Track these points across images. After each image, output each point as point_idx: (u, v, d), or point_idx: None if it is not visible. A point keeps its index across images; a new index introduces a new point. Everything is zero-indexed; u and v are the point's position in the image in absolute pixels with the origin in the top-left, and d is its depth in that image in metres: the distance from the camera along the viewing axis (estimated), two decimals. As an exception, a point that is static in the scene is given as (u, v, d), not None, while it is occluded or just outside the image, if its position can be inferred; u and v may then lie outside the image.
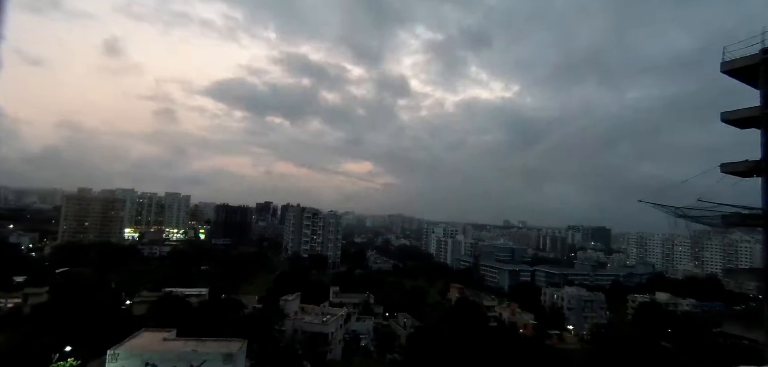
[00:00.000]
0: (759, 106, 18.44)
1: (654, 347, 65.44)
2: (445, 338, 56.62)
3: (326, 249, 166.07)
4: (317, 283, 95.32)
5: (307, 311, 66.13)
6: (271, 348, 46.95)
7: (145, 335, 30.88)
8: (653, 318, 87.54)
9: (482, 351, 52.30)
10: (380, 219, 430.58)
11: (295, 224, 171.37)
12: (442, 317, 74.71)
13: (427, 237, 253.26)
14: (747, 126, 19.30)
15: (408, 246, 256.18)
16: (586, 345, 78.30)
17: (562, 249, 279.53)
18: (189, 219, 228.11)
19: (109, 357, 26.58)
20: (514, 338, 67.70)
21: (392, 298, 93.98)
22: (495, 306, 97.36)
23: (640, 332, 76.81)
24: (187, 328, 37.52)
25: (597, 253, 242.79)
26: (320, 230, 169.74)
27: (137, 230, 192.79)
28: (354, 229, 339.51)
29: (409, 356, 57.39)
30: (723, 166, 18.98)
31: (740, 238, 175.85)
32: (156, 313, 52.91)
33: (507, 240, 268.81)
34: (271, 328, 54.31)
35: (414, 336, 63.41)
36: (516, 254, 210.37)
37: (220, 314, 53.92)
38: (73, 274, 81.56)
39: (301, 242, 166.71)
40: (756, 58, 17.79)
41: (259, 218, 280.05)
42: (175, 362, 26.75)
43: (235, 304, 63.72)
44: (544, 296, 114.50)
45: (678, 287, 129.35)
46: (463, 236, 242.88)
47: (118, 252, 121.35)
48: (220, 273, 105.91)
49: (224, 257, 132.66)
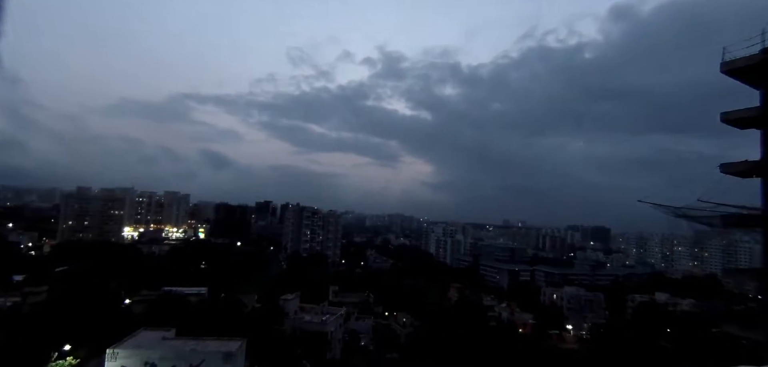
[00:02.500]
0: (759, 106, 18.45)
1: (653, 347, 65.46)
2: (445, 338, 56.61)
3: (326, 248, 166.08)
4: (317, 282, 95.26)
5: (306, 311, 66.18)
6: (270, 347, 46.90)
7: (144, 334, 30.87)
8: (653, 318, 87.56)
9: (482, 351, 52.30)
10: (380, 218, 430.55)
11: (295, 223, 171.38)
12: (442, 317, 74.68)
13: (426, 237, 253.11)
14: (747, 126, 19.29)
15: (408, 246, 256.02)
16: (586, 345, 78.36)
17: (561, 249, 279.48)
18: (188, 218, 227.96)
19: (108, 356, 26.56)
20: (513, 337, 67.73)
21: (392, 297, 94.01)
22: (495, 306, 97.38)
23: (639, 332, 76.80)
24: (186, 327, 37.51)
25: (596, 253, 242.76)
26: (320, 229, 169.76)
27: (136, 228, 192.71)
28: (354, 228, 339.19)
29: (408, 356, 57.42)
30: (723, 166, 18.97)
31: (740, 238, 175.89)
32: (155, 312, 52.83)
33: (506, 240, 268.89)
34: (270, 327, 54.28)
35: (413, 336, 63.47)
36: (515, 253, 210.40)
37: (219, 314, 53.89)
38: (72, 273, 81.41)
39: (300, 241, 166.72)
40: (756, 58, 17.77)
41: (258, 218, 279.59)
42: (175, 361, 26.75)
43: (234, 303, 63.67)
44: (544, 295, 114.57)
45: (677, 286, 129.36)
46: (463, 236, 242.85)
47: (118, 251, 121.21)
48: (219, 272, 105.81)
49: (224, 257, 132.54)
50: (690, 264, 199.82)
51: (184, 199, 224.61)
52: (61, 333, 43.07)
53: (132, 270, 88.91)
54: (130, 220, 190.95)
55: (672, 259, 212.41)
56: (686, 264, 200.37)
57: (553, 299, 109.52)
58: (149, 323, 38.18)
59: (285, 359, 46.63)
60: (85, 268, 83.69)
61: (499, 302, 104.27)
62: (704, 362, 60.54)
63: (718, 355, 60.61)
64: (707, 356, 62.72)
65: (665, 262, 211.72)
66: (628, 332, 74.85)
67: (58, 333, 42.91)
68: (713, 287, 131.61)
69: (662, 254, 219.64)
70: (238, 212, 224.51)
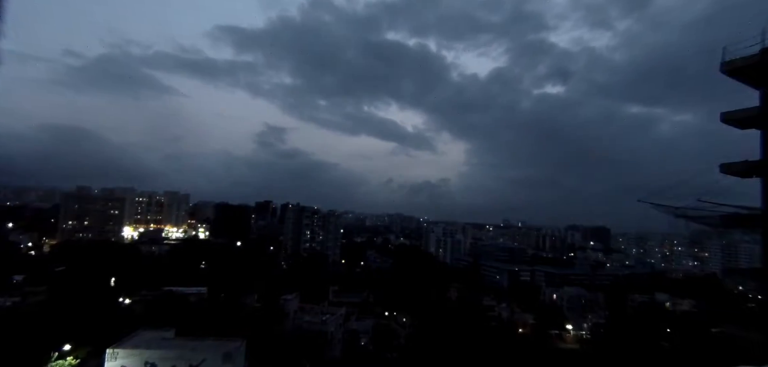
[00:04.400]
0: (759, 106, 18.45)
1: (653, 347, 65.50)
2: (445, 338, 56.63)
3: (326, 248, 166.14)
4: (317, 282, 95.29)
5: (306, 311, 66.19)
6: (270, 347, 46.91)
7: (144, 334, 30.90)
8: (653, 318, 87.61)
9: (482, 351, 52.32)
10: (380, 218, 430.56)
11: (295, 223, 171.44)
12: (442, 317, 74.72)
13: (426, 237, 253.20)
14: (747, 126, 19.29)
15: (407, 245, 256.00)
16: (586, 345, 78.44)
17: (561, 249, 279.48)
18: (188, 218, 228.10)
19: (108, 356, 26.60)
20: (513, 337, 67.78)
21: (392, 297, 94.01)
22: (495, 306, 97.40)
23: (639, 332, 76.88)
24: (186, 327, 37.60)
25: (596, 253, 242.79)
26: (320, 229, 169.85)
27: (136, 228, 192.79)
28: (353, 228, 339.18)
29: (408, 356, 57.42)
30: (723, 166, 18.97)
31: (740, 238, 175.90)
32: (155, 312, 52.85)
33: (506, 240, 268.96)
34: (270, 327, 54.29)
35: (413, 336, 63.48)
36: (515, 253, 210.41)
37: (219, 314, 53.95)
38: (72, 273, 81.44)
39: (300, 241, 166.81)
40: (756, 58, 17.76)
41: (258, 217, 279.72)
42: (174, 361, 26.79)
43: (234, 303, 63.70)
44: (544, 295, 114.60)
45: (677, 287, 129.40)
46: (463, 236, 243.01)
47: (118, 251, 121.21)
48: (219, 272, 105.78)
49: (224, 256, 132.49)
50: (690, 264, 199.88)
51: (184, 199, 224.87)
52: (61, 333, 43.05)
53: (132, 270, 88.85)
54: (130, 220, 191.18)
55: (672, 259, 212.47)
56: (686, 264, 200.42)
57: (553, 299, 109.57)
58: (149, 323, 38.23)
59: (285, 359, 46.63)
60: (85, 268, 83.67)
61: (499, 302, 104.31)
62: (704, 362, 60.62)
63: (718, 355, 60.67)
64: (707, 356, 62.80)
65: (665, 262, 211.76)
66: (628, 332, 74.93)
67: (58, 333, 42.90)
68: (713, 287, 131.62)
69: (662, 254, 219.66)
70: (238, 212, 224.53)
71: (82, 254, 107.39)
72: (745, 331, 70.83)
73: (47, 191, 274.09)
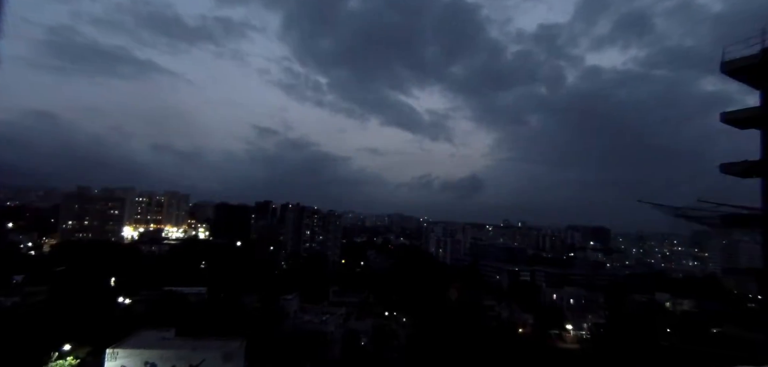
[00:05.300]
0: (759, 106, 18.44)
1: (653, 347, 65.51)
2: (445, 338, 56.65)
3: (326, 248, 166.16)
4: (317, 282, 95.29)
5: (306, 311, 66.19)
6: (270, 348, 46.91)
7: (144, 334, 30.91)
8: (653, 318, 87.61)
9: (482, 351, 52.33)
10: (380, 219, 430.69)
11: (295, 224, 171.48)
12: (442, 317, 74.74)
13: (426, 237, 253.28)
14: (747, 126, 19.28)
15: (407, 246, 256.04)
16: (586, 345, 78.44)
17: (561, 249, 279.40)
18: (188, 218, 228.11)
19: (108, 356, 26.60)
20: (513, 337, 67.80)
21: (392, 297, 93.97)
22: (494, 306, 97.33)
23: (639, 332, 76.91)
24: (186, 327, 37.60)
25: (596, 253, 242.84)
26: (319, 229, 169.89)
27: (136, 228, 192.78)
28: (353, 228, 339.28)
29: (408, 356, 57.44)
30: (723, 166, 18.97)
31: (740, 238, 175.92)
32: (155, 312, 52.82)
33: (506, 240, 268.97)
34: (270, 327, 54.30)
35: (413, 336, 63.49)
36: (515, 253, 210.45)
37: (219, 314, 53.95)
38: (72, 273, 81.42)
39: (300, 241, 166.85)
40: (756, 58, 17.76)
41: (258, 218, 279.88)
42: (174, 361, 26.79)
43: (234, 303, 63.69)
44: (544, 295, 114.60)
45: (677, 287, 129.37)
46: (463, 236, 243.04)
47: (118, 251, 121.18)
48: (219, 272, 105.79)
49: (224, 257, 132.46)
50: (690, 264, 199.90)
51: (184, 199, 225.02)
52: (62, 333, 43.06)
53: (132, 270, 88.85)
54: (130, 220, 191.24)
55: (672, 259, 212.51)
56: (686, 264, 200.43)
57: (553, 298, 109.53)
58: (149, 323, 38.23)
59: (285, 359, 46.63)
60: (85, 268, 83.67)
61: (499, 302, 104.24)
62: (704, 362, 60.64)
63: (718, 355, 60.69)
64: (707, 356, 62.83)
65: (665, 262, 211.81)
66: (628, 332, 74.98)
67: (59, 333, 42.91)
68: (713, 287, 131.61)
69: (662, 254, 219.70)
70: (238, 212, 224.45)
71: (82, 253, 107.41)
72: (745, 331, 70.94)
73: (47, 190, 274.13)
